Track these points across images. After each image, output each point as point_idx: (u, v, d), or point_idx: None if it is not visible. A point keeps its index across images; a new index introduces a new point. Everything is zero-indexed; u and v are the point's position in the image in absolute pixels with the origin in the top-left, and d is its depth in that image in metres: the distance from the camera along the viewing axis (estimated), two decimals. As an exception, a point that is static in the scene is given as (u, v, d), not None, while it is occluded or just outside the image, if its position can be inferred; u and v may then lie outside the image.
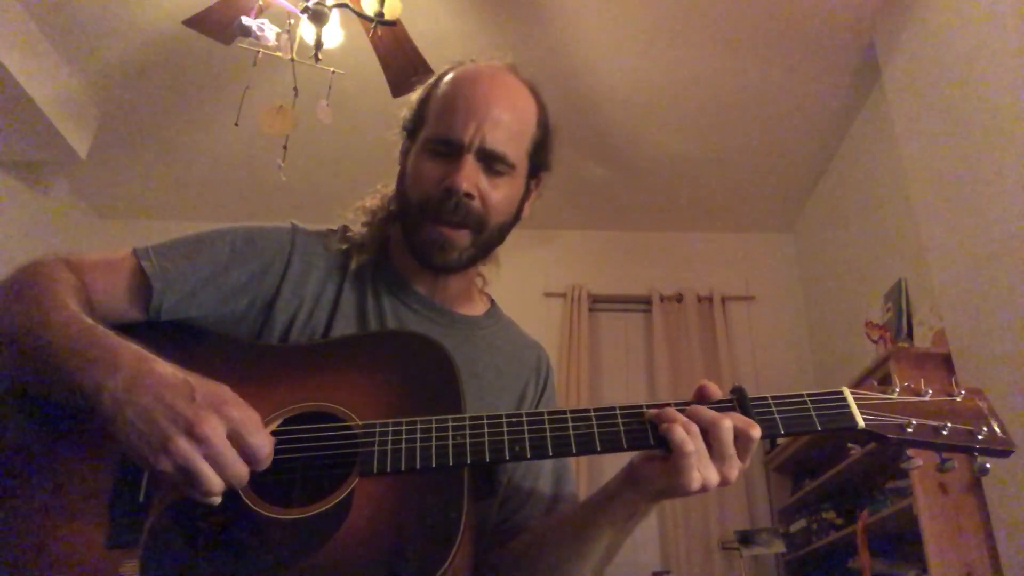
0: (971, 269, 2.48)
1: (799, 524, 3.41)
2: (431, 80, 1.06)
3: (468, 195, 0.95)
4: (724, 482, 0.78)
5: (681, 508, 3.64)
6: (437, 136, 0.97)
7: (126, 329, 0.81)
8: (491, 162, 0.97)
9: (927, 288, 2.90)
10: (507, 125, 0.97)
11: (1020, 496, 2.17)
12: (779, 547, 3.32)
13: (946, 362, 2.57)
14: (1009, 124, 2.29)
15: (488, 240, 1.01)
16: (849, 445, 2.91)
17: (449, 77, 1.03)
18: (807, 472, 3.52)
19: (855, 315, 3.54)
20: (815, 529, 3.27)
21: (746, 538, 3.33)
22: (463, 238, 0.97)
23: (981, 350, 2.40)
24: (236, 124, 2.75)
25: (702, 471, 0.76)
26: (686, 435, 0.77)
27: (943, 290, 2.66)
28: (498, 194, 0.98)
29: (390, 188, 1.09)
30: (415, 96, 1.06)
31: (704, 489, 0.77)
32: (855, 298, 3.66)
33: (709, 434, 0.77)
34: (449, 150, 0.96)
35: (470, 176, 0.95)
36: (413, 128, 1.04)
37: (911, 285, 3.13)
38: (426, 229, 0.97)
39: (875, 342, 3.19)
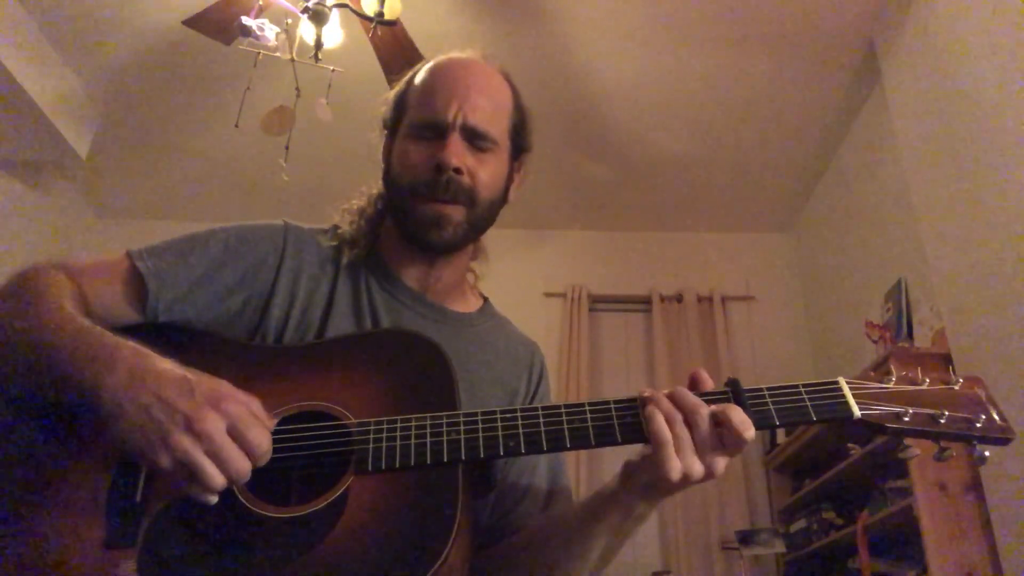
0: (971, 269, 2.48)
1: (799, 524, 3.41)
2: (406, 76, 1.09)
3: (457, 170, 0.96)
4: (709, 474, 0.77)
5: (681, 508, 3.64)
6: (420, 120, 1.00)
7: (123, 331, 0.81)
8: (475, 139, 0.99)
9: (927, 288, 2.90)
10: (485, 104, 1.00)
11: (1020, 496, 2.17)
12: (779, 547, 3.32)
13: (946, 362, 2.57)
14: (1009, 124, 2.29)
15: (480, 217, 1.01)
16: (849, 445, 2.91)
17: (424, 70, 1.06)
18: (807, 472, 3.52)
19: (855, 315, 3.54)
20: (815, 529, 3.26)
21: (746, 538, 3.32)
22: (457, 212, 0.98)
23: (981, 350, 2.40)
24: (236, 126, 2.75)
25: (684, 461, 0.75)
26: (664, 422, 0.76)
27: (943, 290, 2.66)
28: (485, 170, 1.00)
29: (375, 189, 1.10)
30: (392, 94, 1.09)
31: (686, 480, 0.76)
32: (855, 298, 3.66)
33: (688, 422, 0.76)
34: (434, 133, 0.98)
35: (458, 152, 0.97)
36: (394, 122, 1.06)
37: (911, 285, 3.13)
38: (419, 208, 0.98)
39: (875, 342, 3.19)
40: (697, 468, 0.76)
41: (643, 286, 4.33)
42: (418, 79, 1.05)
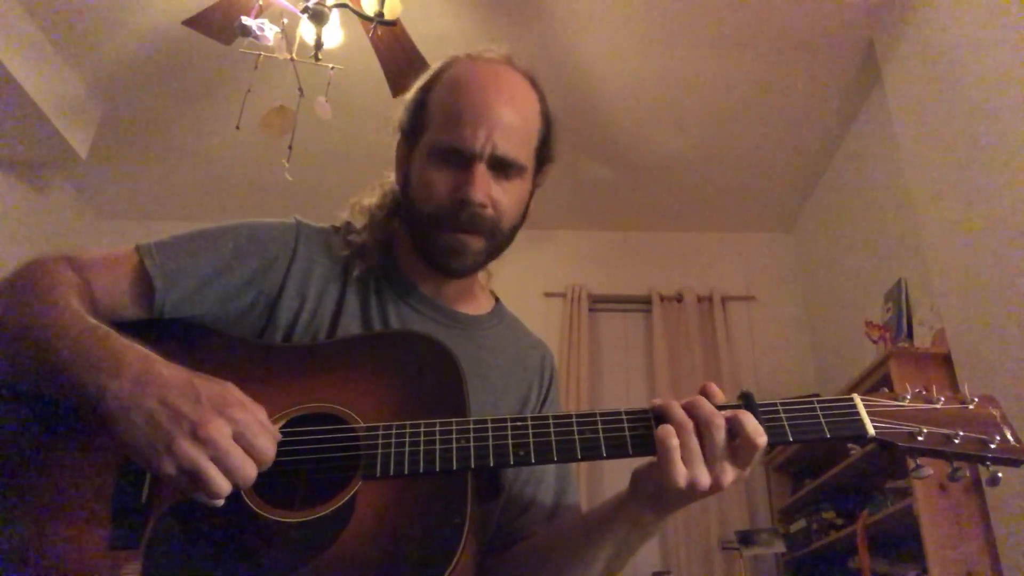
0: (971, 269, 2.48)
1: (799, 524, 3.41)
2: (426, 77, 1.02)
3: (481, 205, 0.93)
4: (716, 486, 0.76)
5: (681, 508, 3.63)
6: (445, 145, 0.94)
7: (129, 328, 0.80)
8: (502, 167, 0.95)
9: (927, 288, 2.90)
10: (515, 128, 0.95)
11: (1020, 496, 2.17)
12: (779, 547, 3.32)
13: (946, 362, 2.57)
14: (1009, 124, 2.29)
15: (500, 244, 0.99)
16: (849, 445, 2.90)
17: (449, 77, 0.99)
18: (807, 472, 3.52)
19: (855, 315, 3.54)
20: (815, 529, 3.26)
21: (746, 538, 3.33)
22: (477, 242, 0.96)
23: (981, 350, 2.40)
24: (237, 127, 2.74)
25: (690, 469, 0.75)
26: (671, 429, 0.75)
27: (943, 290, 2.66)
28: (509, 199, 0.96)
29: (387, 183, 1.07)
30: (410, 96, 1.03)
31: (693, 488, 0.75)
32: (855, 298, 3.66)
33: (700, 432, 0.76)
34: (459, 160, 0.94)
35: (483, 186, 0.93)
36: (413, 130, 1.00)
37: (911, 285, 3.13)
38: (441, 237, 0.95)
39: (875, 342, 3.19)
40: (704, 478, 0.75)
41: (643, 286, 4.32)
42: (442, 89, 0.98)
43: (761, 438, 0.76)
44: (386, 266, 1.03)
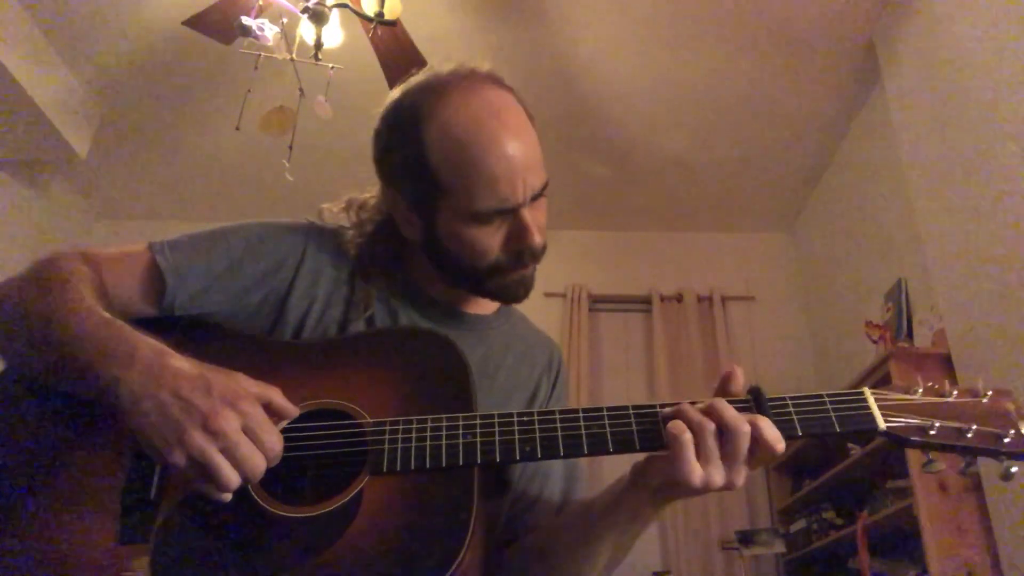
0: (971, 269, 2.48)
1: (799, 524, 3.41)
2: (404, 122, 0.94)
3: (540, 244, 0.95)
4: (728, 485, 0.75)
5: (681, 508, 3.64)
6: (488, 209, 0.90)
7: (141, 323, 0.81)
8: (537, 196, 0.94)
9: (927, 288, 2.90)
10: (536, 157, 0.93)
11: (1020, 496, 2.17)
12: (779, 547, 3.32)
13: (946, 362, 2.57)
14: (1009, 124, 2.29)
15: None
16: (849, 445, 2.91)
17: (446, 130, 0.90)
18: (807, 472, 3.52)
19: (855, 315, 3.54)
20: (815, 529, 3.27)
21: (746, 538, 3.33)
22: (533, 269, 0.98)
23: (981, 350, 2.40)
24: (237, 128, 2.74)
25: (705, 467, 0.74)
26: (683, 425, 0.75)
27: (943, 290, 2.67)
28: (544, 216, 0.97)
29: (369, 203, 1.06)
30: (395, 148, 0.96)
31: (706, 486, 0.75)
32: (855, 298, 3.66)
33: (725, 435, 0.75)
34: (505, 214, 0.92)
35: (538, 227, 0.93)
36: (425, 197, 0.93)
37: (911, 285, 3.14)
38: (504, 279, 0.96)
39: (875, 342, 3.19)
40: (719, 477, 0.75)
41: (643, 286, 4.33)
42: (450, 148, 0.89)
43: (780, 445, 0.75)
44: (394, 270, 1.03)
